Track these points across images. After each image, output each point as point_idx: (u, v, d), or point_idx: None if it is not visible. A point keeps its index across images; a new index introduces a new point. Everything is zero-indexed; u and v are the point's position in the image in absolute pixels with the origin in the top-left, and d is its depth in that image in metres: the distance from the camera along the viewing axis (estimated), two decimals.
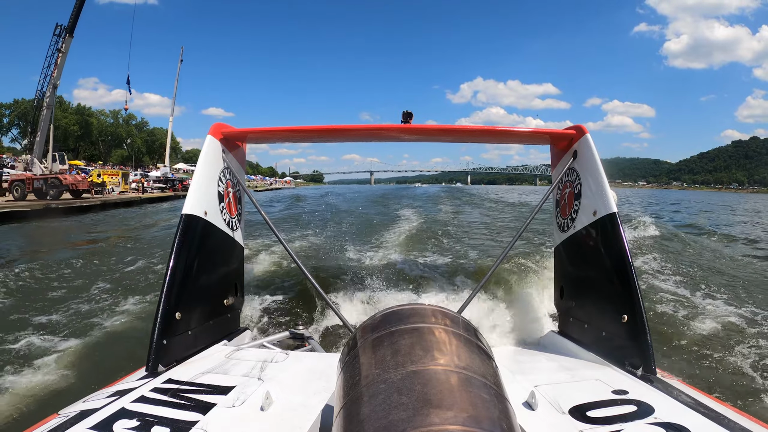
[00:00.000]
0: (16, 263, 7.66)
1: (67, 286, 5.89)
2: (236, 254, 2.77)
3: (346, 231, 14.46)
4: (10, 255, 9.73)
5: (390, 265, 7.72)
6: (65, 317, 4.53)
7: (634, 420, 1.38)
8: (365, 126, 2.91)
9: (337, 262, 8.18)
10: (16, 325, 4.21)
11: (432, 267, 7.61)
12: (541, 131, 2.86)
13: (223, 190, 2.59)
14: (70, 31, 23.46)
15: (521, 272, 6.84)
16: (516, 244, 2.84)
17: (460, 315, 1.07)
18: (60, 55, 23.35)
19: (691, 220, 17.96)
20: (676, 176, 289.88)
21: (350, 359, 0.99)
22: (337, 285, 6.20)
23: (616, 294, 2.06)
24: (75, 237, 13.21)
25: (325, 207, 19.40)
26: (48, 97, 23.83)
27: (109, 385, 1.77)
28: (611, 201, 2.20)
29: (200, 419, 1.40)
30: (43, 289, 5.79)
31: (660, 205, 31.89)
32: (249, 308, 4.47)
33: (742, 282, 6.20)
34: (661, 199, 44.76)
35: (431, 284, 6.29)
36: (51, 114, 24.30)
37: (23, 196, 20.98)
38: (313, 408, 1.53)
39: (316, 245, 10.88)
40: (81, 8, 23.62)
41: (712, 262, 7.93)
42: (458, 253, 9.30)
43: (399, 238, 12.20)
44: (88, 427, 1.33)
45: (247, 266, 4.17)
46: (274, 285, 6.14)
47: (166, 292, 2.05)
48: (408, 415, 0.73)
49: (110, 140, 78.74)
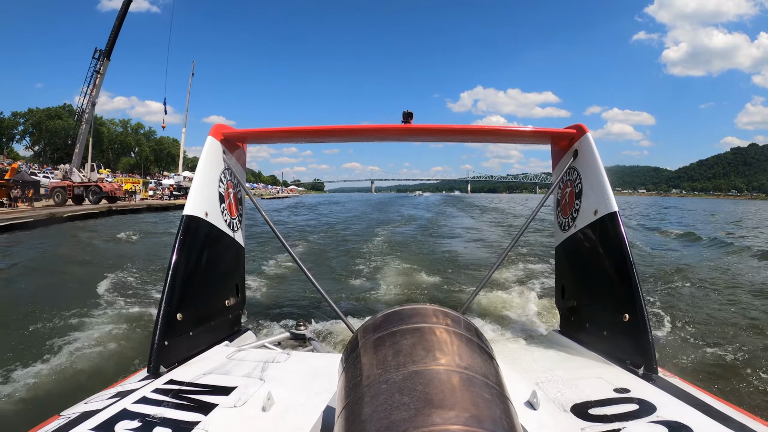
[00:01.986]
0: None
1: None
2: (237, 255, 2.77)
3: (350, 231, 14.78)
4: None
5: (390, 265, 7.74)
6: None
7: (635, 418, 1.38)
8: (366, 126, 2.90)
9: (338, 263, 8.23)
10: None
11: (432, 268, 7.63)
12: (541, 131, 2.85)
13: (224, 191, 2.59)
14: (108, 54, 26.63)
15: (521, 272, 6.89)
16: (515, 245, 2.84)
17: (462, 315, 1.06)
18: (98, 76, 26.65)
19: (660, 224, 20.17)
20: (676, 184, 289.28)
21: (352, 359, 0.98)
22: (339, 285, 6.22)
23: (618, 293, 2.05)
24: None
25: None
26: (87, 113, 27.11)
27: (111, 387, 1.77)
28: (612, 200, 2.19)
29: (202, 420, 1.40)
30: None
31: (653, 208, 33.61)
32: (250, 309, 4.47)
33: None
34: (653, 205, 46.99)
35: (432, 284, 6.30)
36: (90, 128, 27.69)
37: (63, 202, 23.18)
38: (315, 408, 1.53)
39: (316, 245, 10.99)
40: (117, 34, 26.54)
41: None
42: (458, 254, 9.36)
43: (399, 239, 12.30)
44: (89, 429, 1.33)
45: (248, 267, 4.18)
46: (275, 286, 6.15)
47: (168, 293, 2.04)
48: (410, 415, 0.72)
49: (118, 148, 79.83)
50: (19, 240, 12.32)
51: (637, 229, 17.28)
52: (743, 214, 33.58)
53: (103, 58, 26.45)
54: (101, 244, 11.53)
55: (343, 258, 8.86)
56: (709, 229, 17.70)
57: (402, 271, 7.19)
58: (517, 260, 7.82)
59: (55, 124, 62.28)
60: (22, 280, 6.86)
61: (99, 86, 27.06)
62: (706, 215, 31.00)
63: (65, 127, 62.73)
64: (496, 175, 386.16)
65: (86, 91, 26.65)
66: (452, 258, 8.87)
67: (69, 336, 3.97)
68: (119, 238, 12.42)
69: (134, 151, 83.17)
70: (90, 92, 26.59)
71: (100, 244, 11.69)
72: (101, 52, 26.46)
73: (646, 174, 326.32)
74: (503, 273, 6.67)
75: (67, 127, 61.97)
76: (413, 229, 16.14)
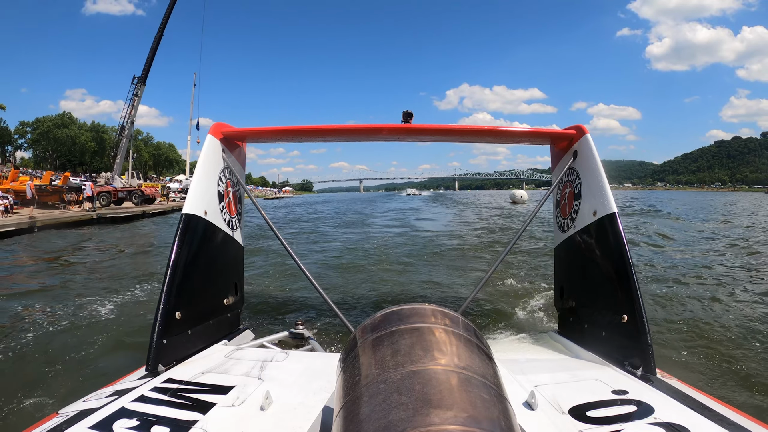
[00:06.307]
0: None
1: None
2: (236, 254, 2.76)
3: (345, 230, 15.04)
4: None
5: (389, 265, 7.75)
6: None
7: (633, 420, 1.38)
8: (365, 126, 2.89)
9: (338, 263, 8.23)
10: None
11: (431, 267, 7.64)
12: (541, 131, 2.83)
13: (223, 189, 2.58)
14: (143, 80, 31.59)
15: (521, 273, 6.90)
16: (515, 245, 2.84)
17: (460, 315, 1.06)
18: (136, 98, 31.77)
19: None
20: (661, 177, 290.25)
21: (350, 359, 0.98)
22: (337, 285, 6.22)
23: (616, 294, 2.05)
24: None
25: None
26: (127, 129, 32.27)
27: (109, 385, 1.77)
28: (611, 201, 2.19)
29: (200, 419, 1.39)
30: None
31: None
32: (249, 308, 4.47)
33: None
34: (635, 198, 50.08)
35: (431, 284, 6.31)
36: (129, 142, 32.92)
37: (107, 204, 26.65)
38: (313, 408, 1.53)
39: (317, 245, 11.05)
40: (152, 62, 31.17)
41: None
42: (457, 254, 9.37)
43: (397, 239, 12.34)
44: (87, 427, 1.32)
45: (247, 266, 4.18)
46: (274, 285, 6.15)
47: (166, 291, 2.04)
48: (408, 415, 0.72)
49: (114, 155, 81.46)
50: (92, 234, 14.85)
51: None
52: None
53: (140, 83, 31.55)
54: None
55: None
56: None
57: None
58: (517, 260, 7.84)
59: (61, 133, 64.74)
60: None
61: (137, 107, 32.27)
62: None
63: (71, 135, 64.94)
64: (483, 172, 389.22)
65: (126, 112, 31.86)
66: (449, 253, 9.03)
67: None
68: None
69: (132, 156, 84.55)
70: (129, 112, 31.81)
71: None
72: (138, 78, 31.41)
73: (632, 168, 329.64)
74: (503, 273, 6.68)
75: (73, 136, 65.14)
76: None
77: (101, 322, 4.45)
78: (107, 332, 4.10)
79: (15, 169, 31.12)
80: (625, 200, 39.44)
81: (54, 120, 67.08)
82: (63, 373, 3.23)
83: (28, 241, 12.81)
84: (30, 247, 11.61)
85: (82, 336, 4.00)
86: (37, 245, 12.00)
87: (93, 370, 3.30)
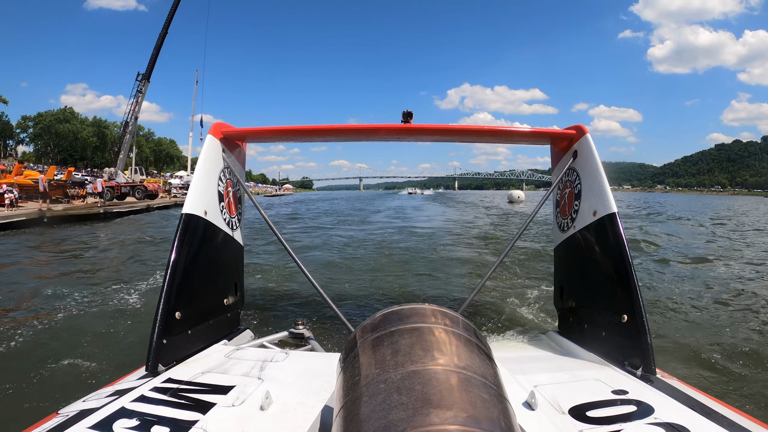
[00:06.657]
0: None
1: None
2: (236, 254, 2.76)
3: (345, 228, 15.05)
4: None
5: (389, 265, 7.75)
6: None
7: (633, 420, 1.38)
8: (365, 126, 2.89)
9: (338, 263, 8.23)
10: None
11: (431, 267, 7.64)
12: (541, 131, 2.83)
13: (223, 189, 2.58)
14: (147, 77, 31.96)
15: (521, 273, 6.91)
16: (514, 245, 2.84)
17: (460, 315, 1.06)
18: (140, 95, 32.26)
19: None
20: (661, 179, 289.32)
21: (350, 359, 0.98)
22: (337, 284, 6.22)
23: (616, 294, 2.05)
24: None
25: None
26: (131, 125, 32.72)
27: (109, 385, 1.76)
28: (611, 201, 2.19)
29: (200, 419, 1.39)
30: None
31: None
32: (249, 307, 4.47)
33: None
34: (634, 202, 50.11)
35: (431, 284, 6.31)
36: (132, 138, 33.46)
37: (111, 199, 27.10)
38: (313, 408, 1.53)
39: (317, 245, 11.03)
40: (156, 59, 31.74)
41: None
42: (457, 254, 9.37)
43: (397, 237, 12.34)
44: (87, 427, 1.32)
45: (247, 266, 4.18)
46: (274, 284, 6.14)
47: (166, 291, 2.04)
48: (408, 414, 0.72)
49: (118, 150, 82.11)
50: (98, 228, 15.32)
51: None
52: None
53: (144, 80, 31.86)
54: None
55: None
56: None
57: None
58: (517, 261, 7.84)
59: (63, 128, 65.11)
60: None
61: (141, 103, 32.75)
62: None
63: (73, 130, 65.28)
64: (483, 172, 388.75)
65: (130, 108, 32.20)
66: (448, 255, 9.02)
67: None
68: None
69: (134, 152, 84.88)
70: (133, 109, 32.14)
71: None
72: (143, 75, 31.77)
73: (632, 170, 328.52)
74: (502, 273, 6.68)
75: (74, 131, 65.65)
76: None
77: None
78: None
79: (19, 163, 31.18)
80: (620, 206, 41.41)
81: (56, 115, 67.63)
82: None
83: (43, 234, 13.33)
84: (50, 242, 11.83)
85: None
86: (54, 236, 12.54)
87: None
